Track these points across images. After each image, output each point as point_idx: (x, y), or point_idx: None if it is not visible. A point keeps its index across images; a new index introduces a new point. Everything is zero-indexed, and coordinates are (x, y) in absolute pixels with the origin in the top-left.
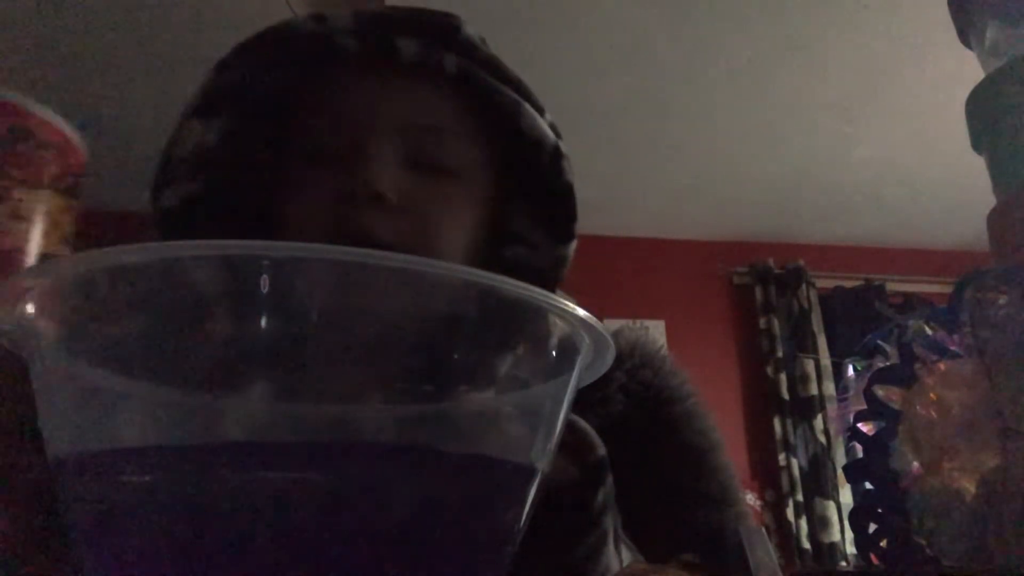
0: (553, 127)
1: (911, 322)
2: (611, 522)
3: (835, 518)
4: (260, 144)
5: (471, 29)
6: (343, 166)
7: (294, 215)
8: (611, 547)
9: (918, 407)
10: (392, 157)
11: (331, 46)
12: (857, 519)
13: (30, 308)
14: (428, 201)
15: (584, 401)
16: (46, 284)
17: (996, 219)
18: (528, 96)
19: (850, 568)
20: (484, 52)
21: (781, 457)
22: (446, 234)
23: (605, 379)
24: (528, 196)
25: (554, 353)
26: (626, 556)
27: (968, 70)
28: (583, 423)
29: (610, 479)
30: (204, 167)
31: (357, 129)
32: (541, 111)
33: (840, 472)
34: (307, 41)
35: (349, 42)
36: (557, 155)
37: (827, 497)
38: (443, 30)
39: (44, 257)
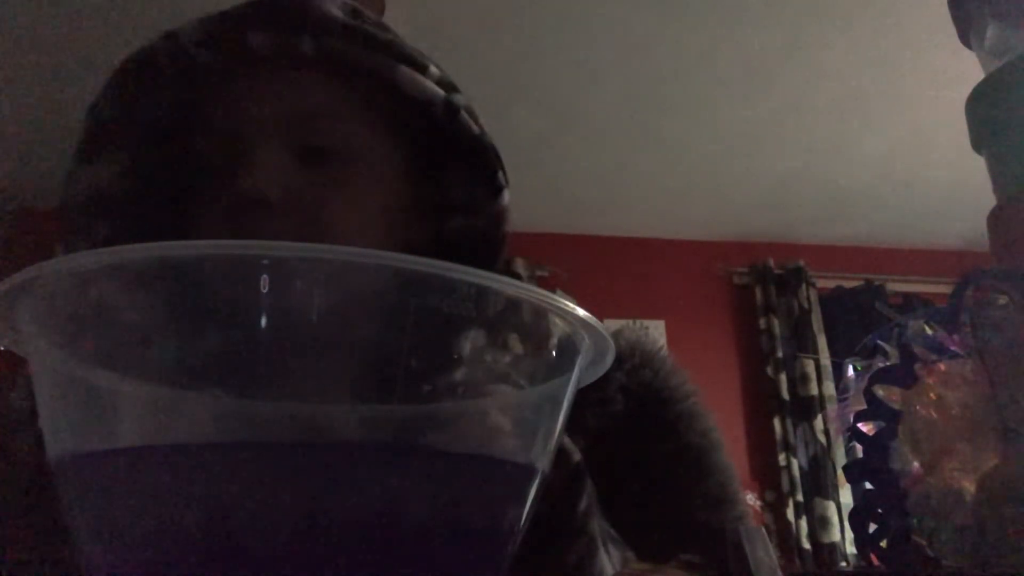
0: (443, 82)
1: (911, 322)
2: (597, 526)
3: (835, 518)
4: (154, 174)
5: (330, 5)
6: (229, 175)
7: (198, 231)
8: (602, 550)
9: (918, 407)
10: (273, 155)
11: (187, 60)
12: (857, 519)
13: (30, 308)
14: (317, 190)
15: (584, 401)
16: (46, 283)
17: (996, 219)
18: (404, 56)
19: (850, 568)
20: (344, 24)
21: (781, 457)
22: (347, 222)
23: (605, 379)
24: (444, 159)
25: (554, 353)
26: (615, 554)
27: (968, 70)
28: None
29: (590, 483)
30: (104, 211)
31: (231, 135)
32: (423, 69)
33: (840, 472)
34: (165, 60)
35: (201, 53)
36: (450, 109)
37: (827, 497)
38: (292, 13)
39: None
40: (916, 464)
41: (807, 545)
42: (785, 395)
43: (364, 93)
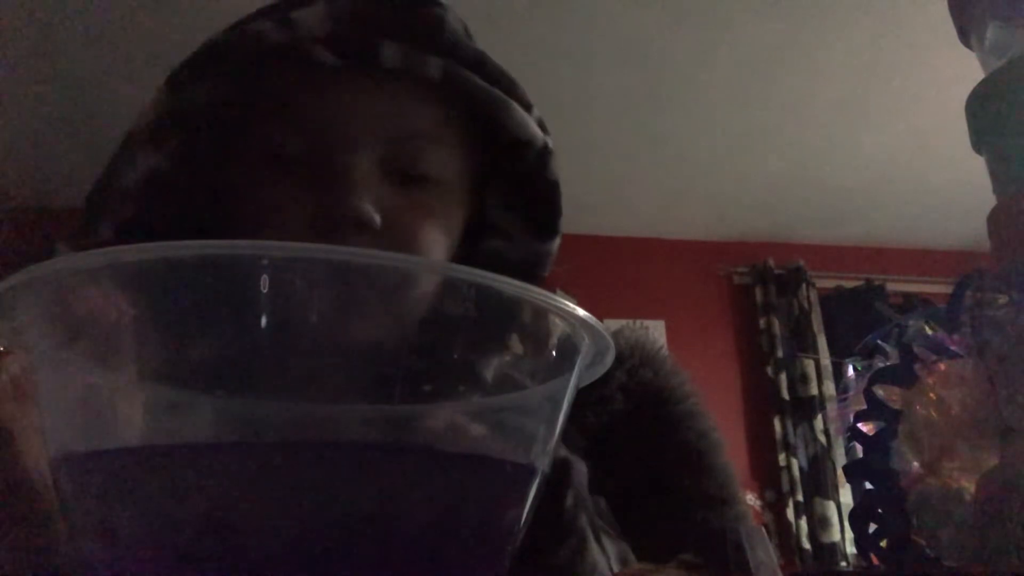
0: (541, 123)
1: (911, 322)
2: (587, 521)
3: (835, 518)
4: (217, 165)
5: (453, 17)
6: (320, 185)
7: (269, 233)
8: (593, 545)
9: (918, 407)
10: (372, 172)
11: (305, 59)
12: (857, 519)
13: (30, 307)
14: (410, 214)
15: (584, 400)
16: (46, 283)
17: (996, 219)
18: (515, 92)
19: (850, 568)
20: (469, 49)
21: (781, 457)
22: (429, 246)
23: (605, 378)
24: (510, 190)
25: (554, 353)
26: (611, 548)
27: (968, 70)
28: None
29: (578, 479)
30: (153, 195)
31: (334, 144)
32: (529, 107)
33: (840, 472)
34: (275, 53)
35: (326, 55)
36: (544, 153)
37: (827, 497)
38: (428, 28)
39: None
40: (916, 464)
41: (807, 545)
42: (785, 395)
43: (468, 121)
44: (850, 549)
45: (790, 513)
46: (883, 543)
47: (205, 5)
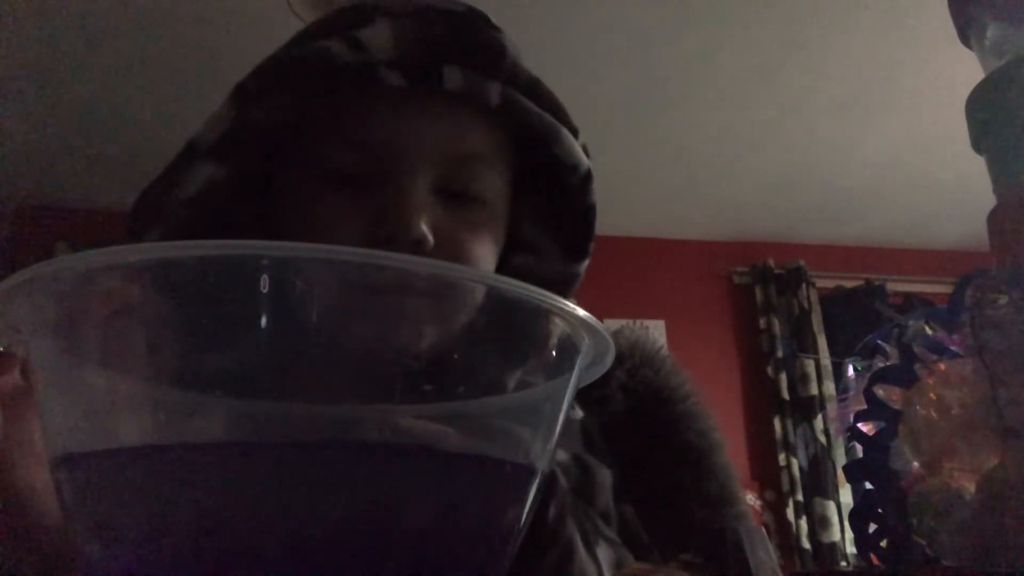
0: (584, 148)
1: (911, 322)
2: (575, 530)
3: (835, 518)
4: (270, 179)
5: (510, 42)
6: (376, 198)
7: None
8: (581, 553)
9: (918, 407)
10: (427, 189)
11: (372, 80)
12: (857, 519)
13: (30, 308)
14: (459, 233)
15: (584, 400)
16: (46, 283)
17: (996, 219)
18: (565, 119)
19: (850, 568)
20: (525, 74)
21: (781, 457)
22: (478, 263)
23: (605, 378)
24: (546, 209)
25: (554, 353)
26: (605, 556)
27: (968, 70)
28: None
29: (561, 487)
30: (206, 205)
31: (393, 164)
32: (575, 132)
33: (840, 472)
34: (344, 73)
35: (392, 77)
36: (588, 178)
37: (827, 497)
38: (490, 55)
39: None
40: (916, 464)
41: (807, 545)
42: (785, 395)
43: (518, 145)
44: (850, 549)
45: (790, 513)
46: (883, 543)
47: (205, 6)
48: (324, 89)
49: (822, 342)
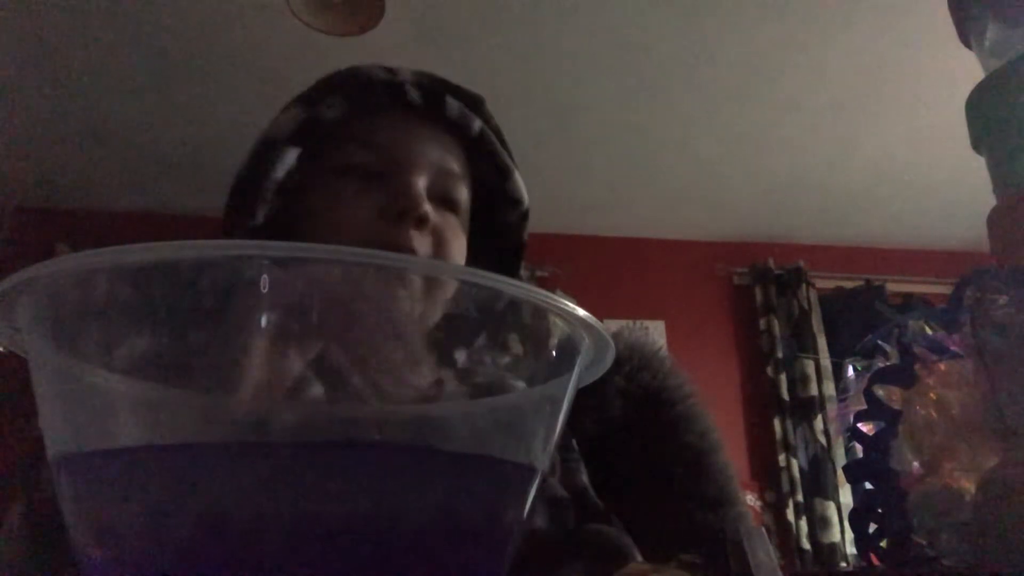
0: (526, 193)
1: (911, 322)
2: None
3: (835, 518)
4: (322, 168)
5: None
6: (387, 189)
7: (344, 227)
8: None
9: (918, 407)
10: (424, 188)
11: (401, 94)
12: (857, 519)
13: (30, 308)
14: (446, 228)
15: (583, 407)
16: (46, 283)
17: (996, 219)
18: (516, 165)
19: (850, 568)
20: (496, 124)
21: (781, 457)
22: (457, 253)
23: (603, 384)
24: (488, 243)
25: (554, 353)
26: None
27: (968, 70)
28: None
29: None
30: (285, 190)
31: (403, 161)
32: (520, 179)
33: (840, 472)
34: (383, 87)
35: (414, 94)
36: (525, 217)
37: (827, 497)
38: (475, 99)
39: None
40: (916, 464)
41: (807, 545)
42: (785, 395)
43: (482, 174)
44: (850, 549)
45: (790, 513)
46: (883, 543)
47: (205, 7)
48: (366, 96)
49: (822, 342)
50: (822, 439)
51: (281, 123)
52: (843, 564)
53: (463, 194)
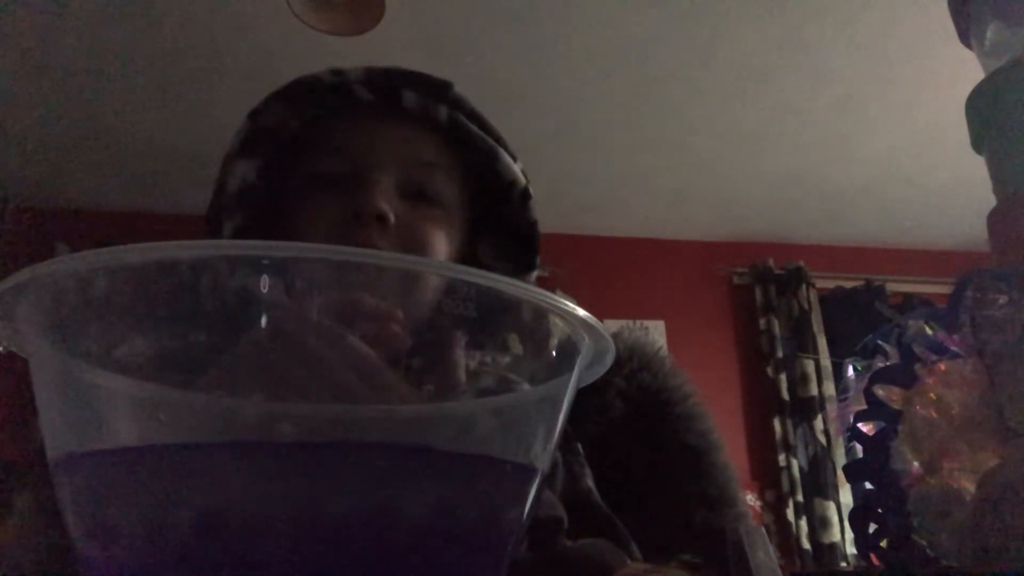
0: (523, 172)
1: (911, 322)
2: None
3: (835, 518)
4: (286, 178)
5: (460, 90)
6: (350, 192)
7: (309, 234)
8: None
9: (918, 407)
10: (391, 186)
11: (349, 94)
12: (857, 519)
13: (30, 308)
14: (418, 224)
15: (583, 409)
16: (47, 283)
17: (996, 219)
18: (504, 145)
19: (850, 568)
20: (470, 107)
21: (781, 457)
22: (434, 247)
23: (603, 385)
24: (496, 230)
25: (554, 353)
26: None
27: (968, 70)
28: None
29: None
30: (247, 202)
31: (364, 162)
32: (514, 158)
33: (840, 472)
34: (329, 90)
35: (363, 92)
36: (525, 196)
37: (827, 497)
38: (438, 88)
39: None
40: (916, 464)
41: (807, 545)
42: (785, 395)
43: (468, 161)
44: (850, 549)
45: (790, 513)
46: (883, 543)
47: (205, 7)
48: (312, 102)
49: (822, 342)
50: (822, 439)
51: (233, 137)
52: (843, 564)
53: (444, 185)
